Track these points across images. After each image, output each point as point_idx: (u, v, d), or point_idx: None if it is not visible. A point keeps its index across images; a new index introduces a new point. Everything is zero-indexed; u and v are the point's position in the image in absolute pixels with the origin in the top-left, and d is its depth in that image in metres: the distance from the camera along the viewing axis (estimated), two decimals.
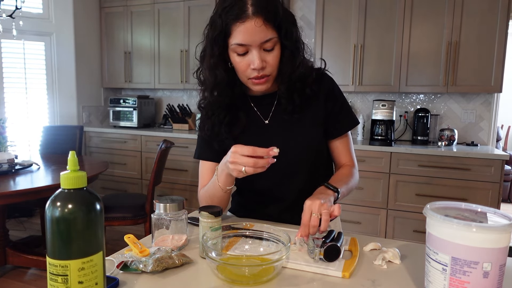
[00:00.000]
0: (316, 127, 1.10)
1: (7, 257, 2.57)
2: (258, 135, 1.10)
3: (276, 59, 0.98)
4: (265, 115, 1.11)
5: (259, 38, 0.93)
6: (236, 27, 0.93)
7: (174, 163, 3.57)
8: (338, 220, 1.22)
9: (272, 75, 1.01)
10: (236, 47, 0.95)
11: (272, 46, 0.96)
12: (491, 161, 2.66)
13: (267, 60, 0.97)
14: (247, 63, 0.97)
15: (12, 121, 3.51)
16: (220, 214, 0.87)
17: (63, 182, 0.58)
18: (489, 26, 2.81)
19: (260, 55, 0.96)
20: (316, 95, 1.08)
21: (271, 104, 1.10)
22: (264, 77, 0.99)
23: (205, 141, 1.15)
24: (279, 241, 0.83)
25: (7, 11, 2.86)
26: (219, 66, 1.01)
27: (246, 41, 0.94)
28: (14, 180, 2.26)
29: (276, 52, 0.98)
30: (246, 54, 0.96)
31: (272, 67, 0.99)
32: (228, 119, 1.07)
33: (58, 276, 0.57)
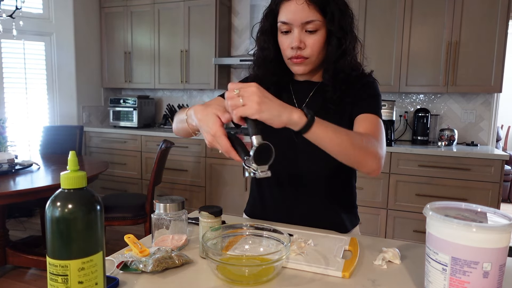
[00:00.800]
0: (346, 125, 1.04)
1: (7, 257, 2.57)
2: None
3: (316, 43, 0.98)
4: (300, 103, 1.10)
5: (299, 18, 0.96)
6: (283, 5, 0.98)
7: (174, 163, 3.57)
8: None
9: (310, 59, 1.00)
10: (281, 25, 0.99)
11: (315, 28, 0.97)
12: (491, 161, 2.66)
13: (306, 42, 0.98)
14: (288, 42, 0.99)
15: (12, 121, 3.51)
16: (220, 214, 0.87)
17: (63, 182, 0.58)
18: (489, 26, 2.81)
19: (300, 35, 0.97)
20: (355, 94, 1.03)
21: (308, 92, 1.10)
22: (301, 57, 0.99)
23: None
24: (279, 241, 0.83)
25: (7, 11, 2.86)
26: (268, 41, 1.05)
27: (288, 19, 0.97)
28: (14, 180, 2.26)
29: (318, 37, 0.98)
30: (289, 34, 0.99)
31: (311, 49, 0.99)
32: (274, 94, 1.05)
33: (58, 276, 0.57)
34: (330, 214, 1.11)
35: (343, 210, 1.14)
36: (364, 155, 0.87)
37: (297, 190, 1.10)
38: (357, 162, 0.88)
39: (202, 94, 4.11)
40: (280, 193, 1.13)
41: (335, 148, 0.83)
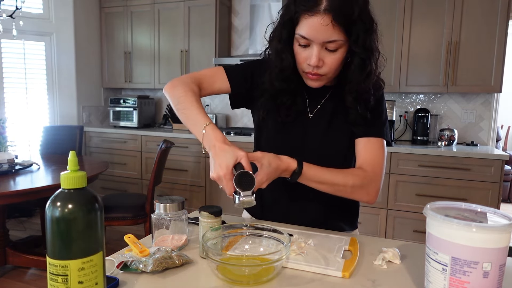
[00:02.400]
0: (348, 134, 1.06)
1: (7, 257, 2.57)
2: (298, 128, 1.08)
3: (335, 62, 0.93)
4: (312, 109, 1.08)
5: (322, 37, 0.89)
6: (304, 18, 0.90)
7: (174, 163, 3.57)
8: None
9: (327, 76, 0.97)
10: (300, 37, 0.93)
11: (336, 48, 0.91)
12: (491, 161, 2.66)
13: (325, 60, 0.93)
14: (305, 56, 0.94)
15: (12, 121, 3.51)
16: (220, 214, 0.87)
17: (63, 182, 0.58)
18: (489, 26, 2.81)
19: (320, 53, 0.92)
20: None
21: (322, 98, 1.07)
22: (317, 75, 0.96)
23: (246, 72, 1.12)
24: (279, 241, 0.83)
25: (7, 11, 2.86)
26: (286, 51, 0.99)
27: (309, 35, 0.90)
28: (14, 180, 2.26)
29: (338, 55, 0.93)
30: (307, 47, 0.93)
31: (329, 68, 0.94)
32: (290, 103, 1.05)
33: (58, 276, 0.57)
34: (329, 214, 1.11)
35: (343, 212, 1.14)
36: (351, 194, 0.99)
37: (295, 191, 1.09)
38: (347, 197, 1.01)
39: None
40: (279, 193, 1.12)
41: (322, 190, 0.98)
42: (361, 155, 1.03)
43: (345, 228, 1.14)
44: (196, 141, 3.50)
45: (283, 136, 1.09)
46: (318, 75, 0.96)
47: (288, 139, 1.08)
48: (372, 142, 1.03)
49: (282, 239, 0.82)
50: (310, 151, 1.04)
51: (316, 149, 1.06)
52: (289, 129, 1.08)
